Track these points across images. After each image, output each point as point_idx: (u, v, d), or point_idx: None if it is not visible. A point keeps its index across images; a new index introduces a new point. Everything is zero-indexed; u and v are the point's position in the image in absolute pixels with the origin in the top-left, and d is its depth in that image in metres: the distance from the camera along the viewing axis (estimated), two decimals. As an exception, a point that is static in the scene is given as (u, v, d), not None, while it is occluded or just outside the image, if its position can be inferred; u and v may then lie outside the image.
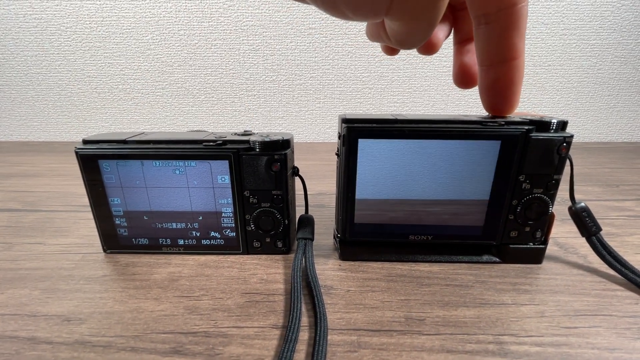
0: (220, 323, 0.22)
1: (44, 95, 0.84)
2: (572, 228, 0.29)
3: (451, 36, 0.26)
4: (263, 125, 0.85)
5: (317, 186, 0.49)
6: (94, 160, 0.27)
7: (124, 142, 0.27)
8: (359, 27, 0.77)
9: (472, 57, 0.25)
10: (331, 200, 0.44)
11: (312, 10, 0.76)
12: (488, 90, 0.23)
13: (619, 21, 0.77)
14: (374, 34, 0.21)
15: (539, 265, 0.29)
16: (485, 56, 0.22)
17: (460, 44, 0.25)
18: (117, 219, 0.29)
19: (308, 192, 0.32)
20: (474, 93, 0.84)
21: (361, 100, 0.83)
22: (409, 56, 0.79)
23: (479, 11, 0.20)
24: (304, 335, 0.21)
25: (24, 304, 0.24)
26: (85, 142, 0.27)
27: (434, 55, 0.80)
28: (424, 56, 0.79)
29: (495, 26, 0.20)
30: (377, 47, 0.78)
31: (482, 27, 0.20)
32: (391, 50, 0.25)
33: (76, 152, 0.27)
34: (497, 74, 0.22)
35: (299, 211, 0.32)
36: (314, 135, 0.87)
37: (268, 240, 0.30)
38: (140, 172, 0.28)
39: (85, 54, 0.80)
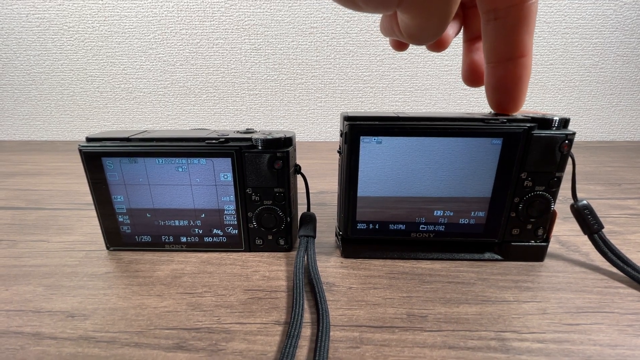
0: (223, 319, 0.22)
1: (46, 95, 0.84)
2: (574, 226, 0.29)
3: (460, 34, 0.26)
4: (264, 124, 0.85)
5: (318, 184, 0.49)
6: (98, 158, 0.27)
7: (127, 139, 0.27)
8: (360, 27, 0.77)
9: (482, 55, 0.24)
10: (333, 199, 0.44)
11: (314, 9, 0.76)
12: (494, 88, 0.22)
13: (621, 19, 0.77)
14: (387, 28, 0.21)
15: (541, 262, 0.29)
16: (492, 53, 0.21)
17: (470, 41, 0.25)
18: (120, 217, 0.29)
19: (310, 191, 0.32)
20: (475, 92, 0.84)
21: (362, 99, 0.83)
22: (410, 55, 0.79)
23: (488, 6, 0.20)
24: (306, 331, 0.21)
25: (29, 300, 0.24)
26: (88, 139, 0.28)
27: (435, 54, 0.80)
28: (425, 55, 0.79)
29: (505, 22, 0.20)
30: (378, 47, 0.78)
31: (491, 23, 0.20)
32: (400, 46, 0.25)
33: (80, 150, 0.27)
34: (504, 71, 0.21)
35: (301, 209, 0.33)
36: (315, 134, 0.87)
37: (270, 237, 0.30)
38: (143, 170, 0.28)
39: (87, 53, 0.80)
